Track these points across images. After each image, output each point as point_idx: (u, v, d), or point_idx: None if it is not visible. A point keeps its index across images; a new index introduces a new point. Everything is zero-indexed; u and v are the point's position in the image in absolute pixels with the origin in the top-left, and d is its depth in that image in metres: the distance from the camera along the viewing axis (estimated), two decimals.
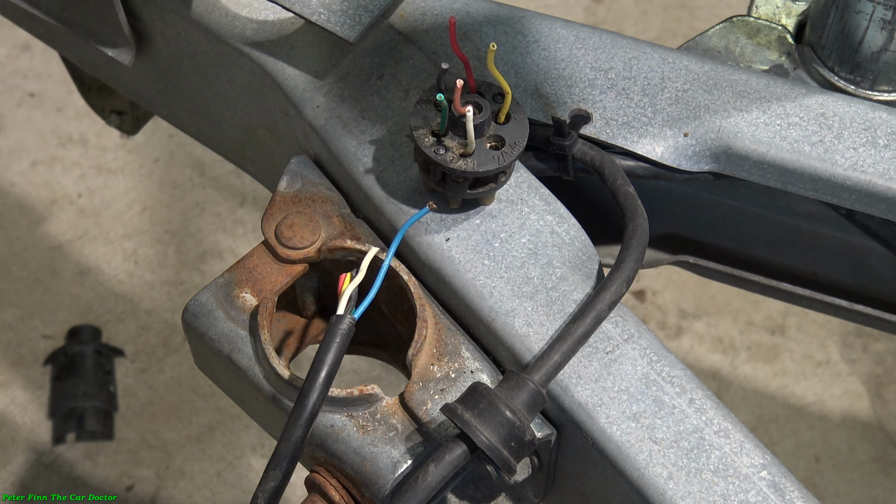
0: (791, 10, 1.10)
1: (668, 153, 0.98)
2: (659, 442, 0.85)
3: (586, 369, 0.88)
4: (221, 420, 2.05)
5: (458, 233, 0.92)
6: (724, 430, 0.86)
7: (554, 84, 0.99)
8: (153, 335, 2.12)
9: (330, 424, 0.88)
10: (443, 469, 0.82)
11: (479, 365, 0.90)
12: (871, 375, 2.10)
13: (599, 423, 0.86)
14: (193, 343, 0.95)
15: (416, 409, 0.88)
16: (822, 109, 0.98)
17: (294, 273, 0.94)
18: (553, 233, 0.93)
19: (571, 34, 1.01)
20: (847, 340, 2.13)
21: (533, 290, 0.90)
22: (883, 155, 0.96)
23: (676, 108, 0.99)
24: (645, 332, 0.89)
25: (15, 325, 2.13)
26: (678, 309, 2.16)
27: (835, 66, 1.06)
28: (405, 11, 1.03)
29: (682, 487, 0.84)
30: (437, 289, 0.93)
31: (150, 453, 2.02)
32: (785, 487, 0.84)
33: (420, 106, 0.90)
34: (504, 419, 0.82)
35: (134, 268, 2.18)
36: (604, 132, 0.98)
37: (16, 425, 2.05)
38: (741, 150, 0.97)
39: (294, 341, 1.00)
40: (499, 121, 0.90)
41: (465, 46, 1.01)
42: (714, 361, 2.11)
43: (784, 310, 2.13)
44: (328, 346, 0.82)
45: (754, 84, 0.99)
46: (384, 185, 0.94)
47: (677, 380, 0.88)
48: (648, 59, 1.01)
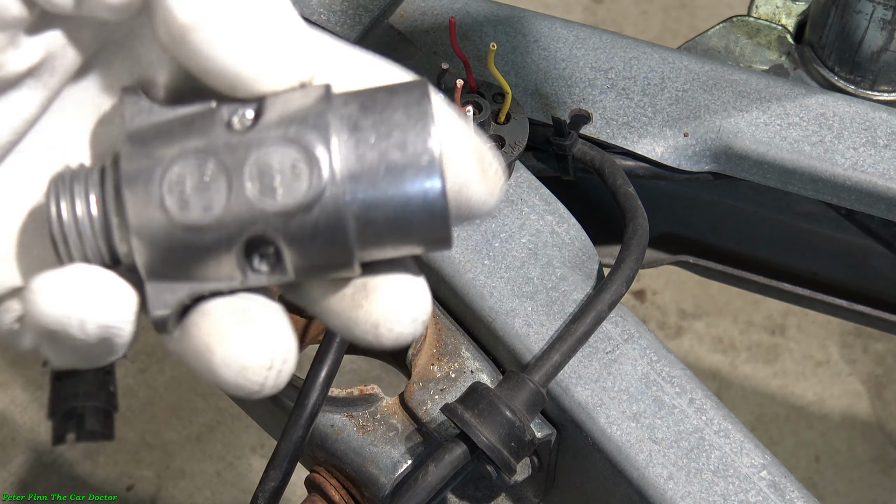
0: (791, 10, 1.10)
1: (668, 153, 0.98)
2: (659, 442, 0.85)
3: (586, 369, 0.88)
4: (221, 420, 2.05)
5: (458, 233, 0.92)
6: (724, 430, 0.86)
7: (554, 84, 0.99)
8: (153, 335, 2.11)
9: (330, 424, 0.88)
10: (443, 469, 0.82)
11: (479, 365, 0.90)
12: (871, 375, 2.10)
13: (599, 423, 0.86)
14: None
15: (416, 409, 0.88)
16: (822, 109, 0.98)
17: None
18: (553, 233, 0.93)
19: (571, 34, 1.01)
20: (847, 340, 2.13)
21: (533, 290, 0.90)
22: (883, 155, 0.96)
23: (676, 108, 0.99)
24: (645, 332, 0.89)
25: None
26: (678, 309, 2.16)
27: (835, 66, 1.06)
28: (405, 11, 1.03)
29: (682, 487, 0.84)
30: (437, 289, 0.93)
31: (150, 453, 2.02)
32: (785, 487, 0.84)
33: None
34: (504, 419, 0.82)
35: None
36: (604, 132, 0.98)
37: (16, 425, 2.05)
38: (741, 150, 0.97)
39: None
40: (499, 121, 0.90)
41: (465, 46, 1.01)
42: (714, 361, 2.11)
43: (784, 310, 2.13)
44: (328, 346, 0.82)
45: (754, 84, 0.99)
46: None
47: (677, 380, 0.88)
48: (648, 59, 1.01)
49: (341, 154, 0.53)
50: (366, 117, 0.53)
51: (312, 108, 0.53)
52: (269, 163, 0.52)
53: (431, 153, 0.53)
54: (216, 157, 0.53)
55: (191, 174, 0.53)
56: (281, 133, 0.53)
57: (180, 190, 0.52)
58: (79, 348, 0.54)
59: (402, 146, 0.53)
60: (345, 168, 0.52)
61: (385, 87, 0.54)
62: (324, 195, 0.52)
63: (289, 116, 0.53)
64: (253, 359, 0.53)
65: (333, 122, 0.53)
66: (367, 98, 0.54)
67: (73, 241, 0.54)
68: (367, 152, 0.53)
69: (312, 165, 0.52)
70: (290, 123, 0.53)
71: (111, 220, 0.54)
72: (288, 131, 0.53)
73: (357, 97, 0.54)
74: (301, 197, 0.52)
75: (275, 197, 0.52)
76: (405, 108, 0.53)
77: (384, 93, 0.54)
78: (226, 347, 0.53)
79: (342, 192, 0.52)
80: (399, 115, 0.53)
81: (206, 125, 0.53)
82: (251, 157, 0.53)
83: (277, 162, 0.52)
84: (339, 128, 0.53)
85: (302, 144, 0.52)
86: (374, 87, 0.55)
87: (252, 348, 0.53)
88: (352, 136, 0.53)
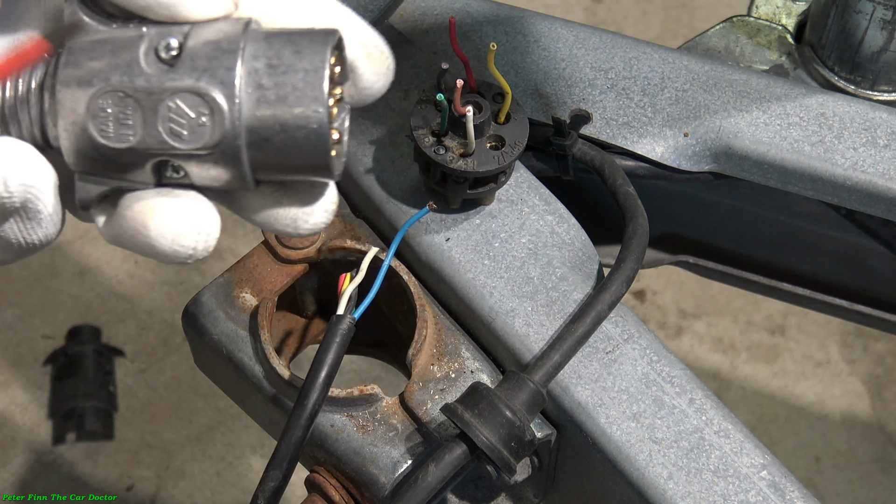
0: (791, 10, 1.10)
1: (668, 153, 0.98)
2: (659, 442, 0.86)
3: (586, 369, 0.88)
4: (221, 420, 2.05)
5: (458, 233, 0.92)
6: (724, 430, 0.86)
7: (554, 84, 0.99)
8: (153, 335, 2.12)
9: (330, 424, 0.88)
10: (443, 469, 0.82)
11: (479, 365, 0.90)
12: (871, 375, 2.10)
13: (599, 423, 0.86)
14: (193, 343, 0.95)
15: (416, 409, 0.88)
16: (822, 109, 0.98)
17: (294, 273, 0.94)
18: (553, 233, 0.93)
19: (571, 34, 1.01)
20: (847, 340, 2.13)
21: (533, 290, 0.90)
22: (883, 155, 0.96)
23: (676, 108, 0.99)
24: (645, 332, 0.89)
25: (15, 325, 2.13)
26: (678, 309, 2.16)
27: (835, 66, 1.06)
28: (405, 11, 1.03)
29: (682, 487, 0.84)
30: (437, 289, 0.93)
31: (150, 453, 2.02)
32: (785, 487, 0.84)
33: (420, 106, 0.90)
34: (504, 419, 0.82)
35: (134, 268, 2.18)
36: (604, 132, 0.98)
37: (16, 425, 2.05)
38: (741, 150, 0.97)
39: (294, 341, 1.00)
40: (499, 121, 0.90)
41: (465, 46, 1.01)
42: (714, 361, 2.11)
43: (784, 310, 2.13)
44: (328, 346, 0.82)
45: (754, 84, 0.99)
46: (384, 185, 0.94)
47: (677, 380, 0.88)
48: (648, 59, 1.01)
49: (242, 110, 0.62)
50: (269, 74, 0.63)
51: (225, 55, 0.63)
52: (180, 109, 0.63)
53: (321, 118, 0.62)
54: (135, 96, 0.63)
55: (112, 107, 0.63)
56: (193, 82, 0.62)
57: (103, 118, 0.63)
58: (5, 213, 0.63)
59: (296, 104, 0.62)
60: (243, 121, 0.62)
61: (296, 36, 0.63)
62: (222, 142, 0.63)
63: (205, 58, 0.63)
64: (183, 226, 0.64)
65: (239, 79, 0.62)
66: (275, 53, 0.63)
67: (10, 117, 0.65)
68: (265, 108, 0.62)
69: (215, 117, 0.62)
70: (204, 72, 0.62)
71: (45, 108, 0.64)
72: (199, 82, 0.62)
73: (267, 49, 0.63)
74: (203, 143, 0.63)
75: (181, 139, 0.63)
76: (304, 72, 0.62)
77: (291, 48, 0.63)
78: (159, 220, 0.64)
79: (239, 141, 0.63)
80: (299, 77, 0.62)
81: (134, 53, 0.63)
82: (164, 102, 0.63)
83: (187, 109, 0.63)
84: (245, 83, 0.62)
85: (209, 97, 0.62)
86: (286, 36, 0.63)
87: (181, 217, 0.64)
88: (254, 93, 0.62)
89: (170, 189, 0.65)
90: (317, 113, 0.63)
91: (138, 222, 0.64)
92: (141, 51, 0.63)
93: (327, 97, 0.63)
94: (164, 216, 0.64)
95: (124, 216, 0.64)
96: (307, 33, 0.64)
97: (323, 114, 0.63)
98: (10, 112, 0.65)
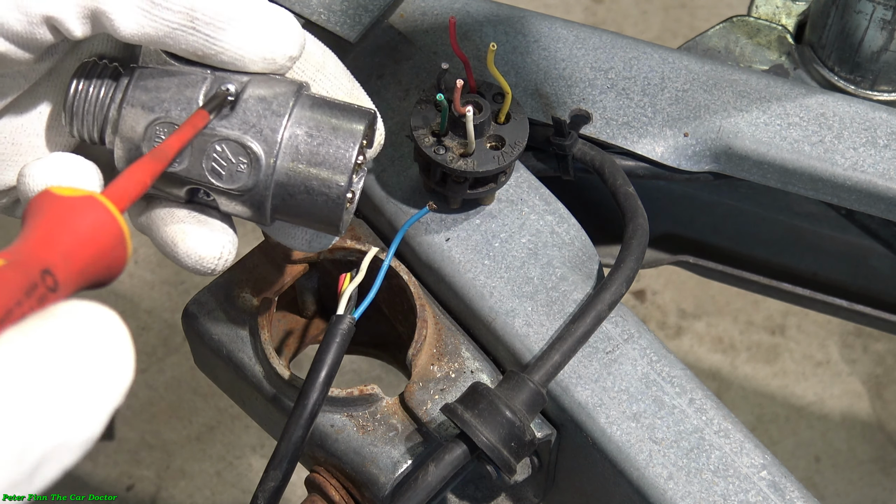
0: (791, 10, 1.10)
1: (668, 153, 0.98)
2: (659, 442, 0.86)
3: (586, 369, 0.88)
4: (221, 420, 2.05)
5: (458, 233, 0.92)
6: (724, 430, 0.86)
7: (554, 84, 0.99)
8: (153, 335, 2.12)
9: (330, 424, 0.88)
10: (443, 469, 0.82)
11: (479, 365, 0.90)
12: (871, 375, 2.10)
13: (599, 423, 0.86)
14: (193, 343, 0.95)
15: (416, 409, 0.88)
16: (822, 109, 0.98)
17: (294, 273, 0.94)
18: (553, 233, 0.93)
19: (571, 34, 1.01)
20: (847, 340, 2.13)
21: (533, 290, 0.90)
22: (883, 155, 0.96)
23: (676, 108, 0.99)
24: (645, 332, 0.89)
25: None
26: (678, 309, 2.16)
27: (835, 66, 1.06)
28: (405, 11, 1.03)
29: (682, 487, 0.84)
30: (437, 289, 0.93)
31: (150, 453, 2.02)
32: (785, 487, 0.84)
33: (420, 106, 0.90)
34: (504, 419, 0.82)
35: (134, 268, 2.18)
36: (604, 132, 0.98)
37: None
38: (741, 150, 0.97)
39: (294, 341, 1.00)
40: (499, 121, 0.90)
41: (465, 46, 1.01)
42: (714, 361, 2.11)
43: (784, 310, 2.13)
44: (328, 346, 0.82)
45: (754, 84, 0.99)
46: (384, 185, 0.94)
47: (677, 380, 0.88)
48: (648, 59, 1.01)
49: (276, 168, 0.72)
50: (307, 143, 0.72)
51: (273, 117, 0.72)
52: (224, 153, 0.72)
53: (341, 190, 0.73)
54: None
55: (166, 136, 0.72)
56: (240, 133, 0.72)
57: (157, 143, 0.71)
58: None
59: (323, 173, 0.73)
60: (275, 177, 0.72)
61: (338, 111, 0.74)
62: (253, 189, 0.73)
63: (255, 115, 0.72)
64: (207, 251, 0.74)
65: (280, 141, 0.72)
66: (315, 124, 0.73)
67: (76, 113, 0.74)
68: (296, 170, 0.72)
69: (253, 167, 0.72)
70: (252, 127, 0.72)
71: (109, 116, 0.73)
72: (246, 135, 0.72)
73: (310, 119, 0.73)
74: (237, 186, 0.73)
75: (220, 178, 0.73)
76: (336, 148, 0.72)
77: (330, 123, 0.73)
78: (189, 242, 0.74)
79: (267, 192, 0.73)
80: (331, 152, 0.73)
81: (196, 92, 0.72)
82: (212, 143, 0.72)
83: (230, 154, 0.72)
84: (284, 145, 0.72)
85: (252, 151, 0.72)
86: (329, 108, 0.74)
87: (207, 244, 0.74)
88: (289, 155, 0.72)
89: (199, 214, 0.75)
90: (339, 186, 0.73)
91: (169, 239, 0.74)
92: (202, 92, 0.72)
93: (352, 173, 0.73)
94: (193, 240, 0.74)
95: (159, 229, 0.75)
96: (347, 110, 0.74)
97: (344, 187, 0.73)
98: (77, 109, 0.74)
